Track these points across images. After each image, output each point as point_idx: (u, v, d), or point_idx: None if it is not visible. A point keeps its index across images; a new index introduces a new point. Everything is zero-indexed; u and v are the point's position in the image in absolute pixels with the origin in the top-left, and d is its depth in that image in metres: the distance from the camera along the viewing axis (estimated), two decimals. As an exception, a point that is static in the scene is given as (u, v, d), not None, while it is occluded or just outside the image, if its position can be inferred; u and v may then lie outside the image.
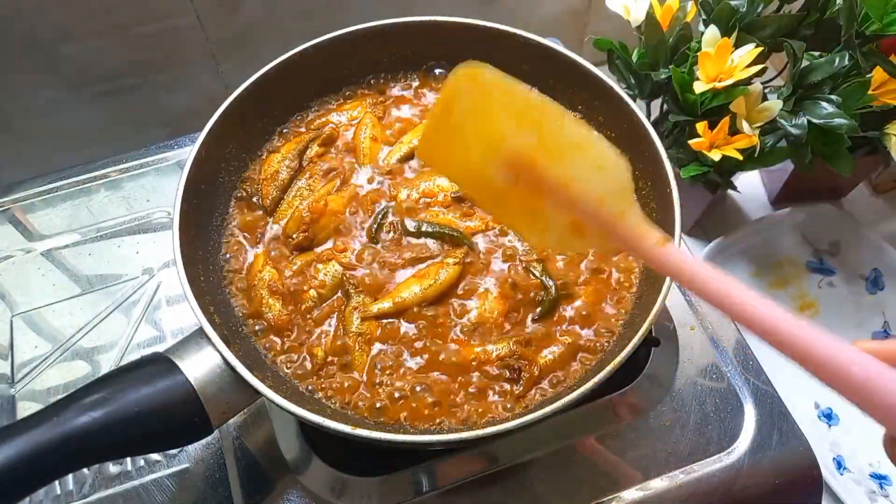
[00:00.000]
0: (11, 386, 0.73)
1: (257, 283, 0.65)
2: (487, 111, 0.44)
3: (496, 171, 0.43)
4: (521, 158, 0.42)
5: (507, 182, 0.43)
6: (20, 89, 1.01)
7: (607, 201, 0.41)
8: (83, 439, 0.48)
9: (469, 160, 0.45)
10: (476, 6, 1.13)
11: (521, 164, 0.43)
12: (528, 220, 0.45)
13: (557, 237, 0.44)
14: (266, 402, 0.58)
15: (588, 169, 0.42)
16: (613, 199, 0.41)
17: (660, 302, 0.56)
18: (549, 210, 0.43)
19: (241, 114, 0.69)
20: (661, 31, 0.82)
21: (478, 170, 0.44)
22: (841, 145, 0.77)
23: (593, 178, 0.42)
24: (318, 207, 0.68)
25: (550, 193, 0.42)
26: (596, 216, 0.41)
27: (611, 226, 0.41)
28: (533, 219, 0.44)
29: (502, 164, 0.43)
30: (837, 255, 1.02)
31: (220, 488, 0.66)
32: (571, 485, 0.65)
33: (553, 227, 0.43)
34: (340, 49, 0.74)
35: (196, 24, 1.00)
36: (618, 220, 0.41)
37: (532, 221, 0.45)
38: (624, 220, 0.41)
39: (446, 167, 0.50)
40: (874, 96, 0.75)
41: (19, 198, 0.86)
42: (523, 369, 0.60)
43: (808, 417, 0.89)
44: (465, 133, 0.45)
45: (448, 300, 0.64)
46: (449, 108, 0.46)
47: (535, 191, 0.43)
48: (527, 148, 0.42)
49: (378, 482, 0.65)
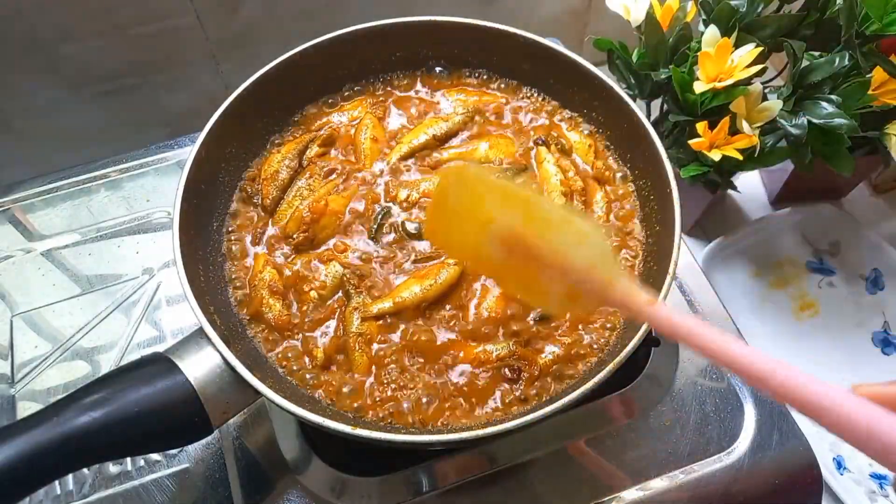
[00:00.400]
0: (11, 386, 0.73)
1: (258, 283, 0.65)
2: (475, 199, 0.50)
3: (492, 247, 0.48)
4: (510, 234, 0.47)
5: (502, 257, 0.48)
6: (20, 89, 1.01)
7: (596, 269, 0.45)
8: (83, 439, 0.48)
9: (467, 240, 0.51)
10: (476, 6, 1.13)
11: (511, 240, 0.47)
12: (530, 289, 0.49)
13: (558, 303, 0.48)
14: (266, 402, 0.58)
15: (571, 243, 0.46)
16: (602, 268, 0.45)
17: (660, 302, 0.56)
18: (544, 280, 0.47)
19: (241, 114, 0.69)
20: (661, 31, 0.82)
21: (476, 247, 0.49)
22: (841, 145, 0.77)
23: (578, 250, 0.46)
24: (318, 207, 0.68)
25: (543, 265, 0.46)
26: (587, 283, 0.45)
27: (602, 291, 0.45)
28: (533, 287, 0.48)
29: (496, 241, 0.48)
30: (837, 255, 1.02)
31: (220, 488, 0.66)
32: (571, 485, 0.65)
33: (551, 294, 0.47)
34: (340, 49, 0.74)
35: (196, 24, 1.00)
36: (608, 286, 0.45)
37: (533, 290, 0.49)
38: (613, 285, 0.45)
39: (450, 247, 0.57)
40: (874, 96, 0.75)
41: (19, 198, 0.86)
42: (523, 369, 0.60)
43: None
44: (460, 217, 0.51)
45: (448, 300, 0.64)
46: (444, 199, 0.52)
47: (529, 263, 0.47)
48: (516, 227, 0.47)
49: (378, 482, 0.65)
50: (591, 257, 0.46)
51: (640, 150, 0.66)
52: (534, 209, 0.48)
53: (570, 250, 0.46)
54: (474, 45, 0.75)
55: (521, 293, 0.58)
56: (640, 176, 0.69)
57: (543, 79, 0.76)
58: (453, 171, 0.51)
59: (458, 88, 0.78)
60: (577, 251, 0.46)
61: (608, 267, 0.45)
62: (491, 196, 0.49)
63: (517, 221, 0.48)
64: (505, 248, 0.48)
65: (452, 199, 0.51)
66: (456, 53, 0.78)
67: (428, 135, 0.74)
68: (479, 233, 0.49)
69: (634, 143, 0.67)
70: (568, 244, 0.46)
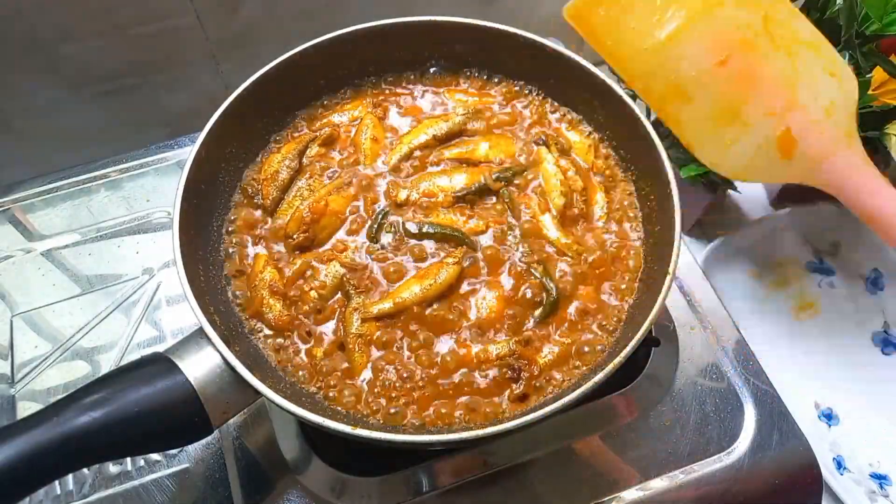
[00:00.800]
0: (11, 386, 0.73)
1: (258, 283, 0.65)
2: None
3: (695, 48, 0.34)
4: (737, 38, 0.34)
5: (704, 65, 0.34)
6: (20, 89, 1.01)
7: (837, 114, 0.33)
8: (83, 439, 0.48)
9: (654, 32, 0.35)
10: (476, 6, 1.13)
11: (736, 45, 0.34)
12: (715, 124, 0.35)
13: (753, 153, 0.35)
14: (266, 402, 0.58)
15: (819, 72, 0.34)
16: (843, 115, 0.33)
17: (660, 302, 0.56)
18: (753, 113, 0.34)
19: (241, 114, 0.69)
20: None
21: (665, 45, 0.35)
22: (841, 145, 0.77)
23: (825, 84, 0.34)
24: (318, 208, 0.68)
25: (766, 91, 0.34)
26: (822, 129, 0.33)
27: (833, 146, 0.32)
28: (724, 122, 0.35)
29: (710, 41, 0.34)
30: (837, 255, 1.02)
31: (220, 488, 0.66)
32: (571, 485, 0.65)
33: (750, 139, 0.34)
34: (340, 49, 0.74)
35: (196, 24, 1.00)
36: (846, 139, 0.33)
37: (720, 128, 0.35)
38: (852, 140, 0.33)
39: (611, 37, 0.39)
40: (874, 96, 0.75)
41: (19, 198, 0.86)
42: (523, 369, 0.60)
43: (808, 417, 0.89)
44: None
45: (448, 300, 0.64)
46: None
47: (744, 84, 0.34)
48: (749, 28, 0.34)
49: (378, 482, 0.65)
50: (836, 98, 0.33)
51: (640, 150, 0.66)
52: (782, 15, 0.35)
53: (814, 82, 0.33)
54: (474, 45, 0.75)
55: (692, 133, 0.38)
56: (640, 176, 0.69)
57: (544, 79, 0.76)
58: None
59: (459, 88, 0.78)
60: (822, 86, 0.34)
61: (851, 118, 0.33)
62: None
63: (755, 22, 0.34)
64: (717, 54, 0.34)
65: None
66: (456, 53, 0.78)
67: (428, 135, 0.74)
68: (686, 21, 0.34)
69: (634, 143, 0.67)
70: (814, 73, 0.34)
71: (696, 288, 0.78)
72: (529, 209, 0.69)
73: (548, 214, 0.68)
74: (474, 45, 0.76)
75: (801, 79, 0.34)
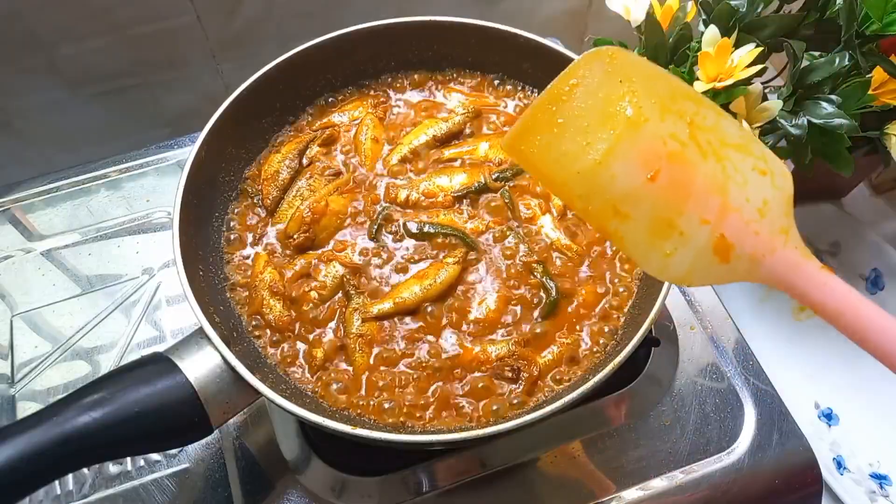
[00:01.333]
0: (11, 386, 0.73)
1: (258, 283, 0.65)
2: (624, 96, 0.36)
3: (625, 166, 0.35)
4: (664, 152, 0.34)
5: (636, 182, 0.35)
6: (20, 89, 1.01)
7: (771, 213, 0.33)
8: (83, 439, 0.48)
9: (585, 155, 0.36)
10: (476, 6, 1.13)
11: (663, 160, 0.35)
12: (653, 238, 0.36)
13: (692, 261, 0.35)
14: (266, 402, 0.58)
15: (750, 172, 0.34)
16: (777, 212, 0.33)
17: (660, 302, 0.56)
18: (687, 222, 0.34)
19: (241, 114, 0.69)
20: (661, 31, 0.82)
21: (596, 166, 0.36)
22: (841, 145, 0.77)
23: (755, 184, 0.34)
24: (318, 208, 0.68)
25: (698, 199, 0.34)
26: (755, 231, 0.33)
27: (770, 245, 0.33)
28: (661, 235, 0.35)
29: (637, 159, 0.35)
30: (837, 255, 1.02)
31: (220, 488, 0.66)
32: (571, 485, 0.65)
33: (688, 246, 0.35)
34: (340, 49, 0.74)
35: (196, 24, 1.00)
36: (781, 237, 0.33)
37: (658, 239, 0.36)
38: (788, 237, 0.33)
39: (545, 164, 0.40)
40: (874, 96, 0.75)
41: (19, 198, 0.86)
42: (523, 369, 0.60)
43: (808, 417, 0.89)
44: (587, 122, 0.36)
45: (448, 300, 0.64)
46: (567, 94, 0.38)
47: (676, 196, 0.34)
48: (674, 140, 0.35)
49: (378, 482, 0.65)
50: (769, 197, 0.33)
51: (640, 150, 0.66)
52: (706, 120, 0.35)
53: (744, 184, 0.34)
54: (474, 45, 0.75)
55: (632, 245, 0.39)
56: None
57: (544, 79, 0.76)
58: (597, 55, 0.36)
59: (459, 88, 0.78)
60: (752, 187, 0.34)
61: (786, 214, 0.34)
62: (650, 94, 0.36)
63: (680, 133, 0.35)
64: (647, 170, 0.35)
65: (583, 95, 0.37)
66: (456, 53, 0.78)
67: (428, 135, 0.74)
68: (613, 144, 0.35)
69: (634, 143, 0.67)
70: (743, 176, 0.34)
71: (696, 288, 0.78)
72: (529, 209, 0.69)
73: (548, 215, 0.68)
74: (474, 45, 0.76)
75: (732, 182, 0.34)
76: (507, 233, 0.67)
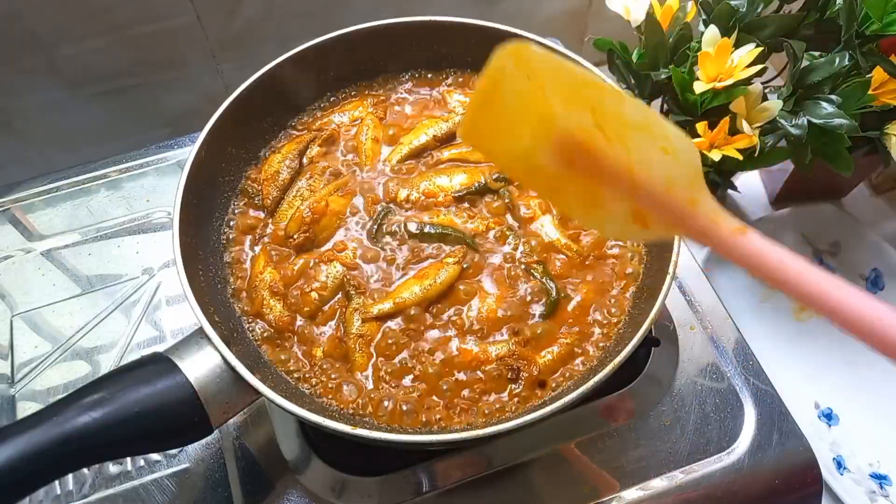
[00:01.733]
0: (11, 386, 0.73)
1: (258, 283, 0.65)
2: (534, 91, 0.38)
3: (547, 156, 0.38)
4: (573, 141, 0.37)
5: (559, 168, 0.38)
6: (20, 89, 1.01)
7: (676, 187, 0.37)
8: (83, 439, 0.48)
9: (516, 145, 0.40)
10: (476, 6, 1.13)
11: (574, 148, 0.37)
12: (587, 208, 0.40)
13: (619, 227, 0.40)
14: (266, 402, 0.58)
15: (653, 152, 0.38)
16: (683, 185, 0.37)
17: (660, 302, 0.56)
18: (607, 198, 0.38)
19: (241, 114, 0.69)
20: (661, 31, 0.82)
21: (527, 156, 0.39)
22: (841, 145, 0.77)
23: (659, 162, 0.38)
24: (318, 208, 0.68)
25: (609, 179, 0.38)
26: (663, 204, 0.37)
27: (680, 214, 0.37)
28: (591, 206, 0.39)
29: (554, 149, 0.38)
30: (837, 255, 1.02)
31: (220, 488, 0.66)
32: (571, 485, 0.65)
33: (613, 216, 0.39)
34: (340, 49, 0.74)
35: (196, 24, 1.00)
36: (689, 208, 0.37)
37: (591, 209, 0.40)
38: (696, 207, 0.37)
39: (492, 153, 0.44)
40: (874, 96, 0.75)
41: (19, 198, 0.86)
42: (522, 369, 0.60)
43: (808, 417, 0.89)
44: (510, 116, 0.39)
45: (448, 300, 0.64)
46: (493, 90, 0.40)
47: (592, 177, 0.38)
48: (580, 130, 0.37)
49: (378, 482, 0.65)
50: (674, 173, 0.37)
51: (640, 150, 0.66)
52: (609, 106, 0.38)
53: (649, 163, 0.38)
54: (474, 45, 0.75)
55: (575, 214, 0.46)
56: (640, 176, 0.69)
57: (543, 79, 0.76)
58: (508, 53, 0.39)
59: (459, 88, 0.78)
60: (657, 164, 0.38)
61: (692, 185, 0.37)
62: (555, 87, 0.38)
63: (584, 123, 0.37)
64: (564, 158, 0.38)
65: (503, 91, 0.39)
66: (456, 53, 0.78)
67: (428, 135, 0.74)
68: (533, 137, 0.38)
69: (634, 143, 0.67)
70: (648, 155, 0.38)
71: (696, 288, 0.78)
72: (529, 209, 0.69)
73: (548, 215, 0.69)
74: (474, 45, 0.76)
75: (637, 163, 0.37)
76: (507, 233, 0.67)
